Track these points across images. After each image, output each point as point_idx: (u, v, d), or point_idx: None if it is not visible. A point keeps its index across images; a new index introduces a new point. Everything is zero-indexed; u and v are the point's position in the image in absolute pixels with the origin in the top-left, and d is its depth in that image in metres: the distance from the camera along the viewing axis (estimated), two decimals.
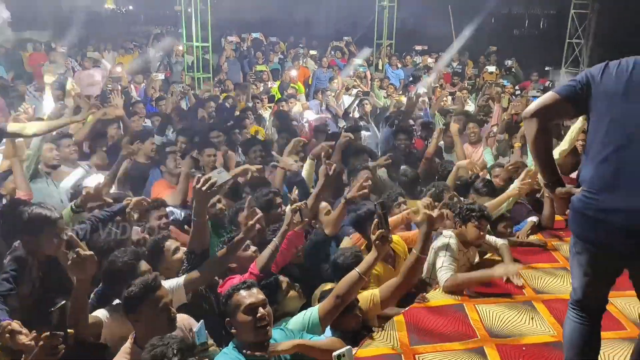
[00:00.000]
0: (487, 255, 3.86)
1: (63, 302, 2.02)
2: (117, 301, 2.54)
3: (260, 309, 2.28)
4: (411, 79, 9.90)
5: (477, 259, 3.78)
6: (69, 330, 2.01)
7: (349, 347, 2.19)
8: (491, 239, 3.72)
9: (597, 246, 1.98)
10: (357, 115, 7.32)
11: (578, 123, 4.41)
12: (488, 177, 4.69)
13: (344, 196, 3.55)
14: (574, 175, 4.49)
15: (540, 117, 2.05)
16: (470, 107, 8.25)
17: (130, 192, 4.01)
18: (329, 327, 2.73)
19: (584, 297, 2.17)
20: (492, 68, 9.85)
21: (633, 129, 1.85)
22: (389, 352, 2.74)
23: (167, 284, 2.54)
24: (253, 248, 2.98)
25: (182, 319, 2.51)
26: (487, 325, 3.00)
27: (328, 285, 3.08)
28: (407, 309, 3.13)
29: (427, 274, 3.43)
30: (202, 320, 2.44)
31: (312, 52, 11.41)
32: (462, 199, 4.03)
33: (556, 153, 4.18)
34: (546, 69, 11.94)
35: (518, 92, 9.93)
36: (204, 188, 2.69)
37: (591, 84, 1.97)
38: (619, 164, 1.88)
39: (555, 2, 14.05)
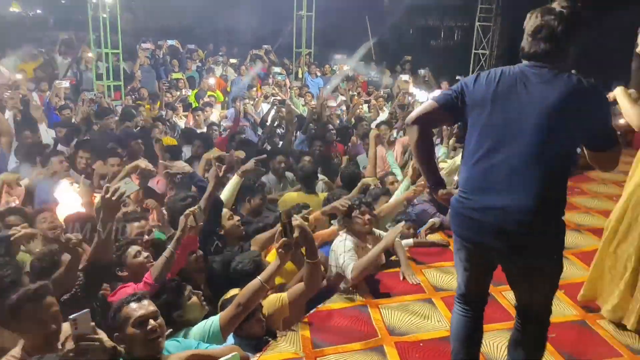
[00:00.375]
0: (393, 257, 3.98)
1: None
2: None
3: (151, 321, 2.21)
4: (328, 87, 10.05)
5: (383, 261, 3.89)
6: None
7: (235, 353, 2.17)
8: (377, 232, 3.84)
9: (472, 243, 2.10)
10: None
11: None
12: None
13: (281, 219, 3.53)
14: None
15: (420, 124, 2.15)
16: (386, 114, 8.51)
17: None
18: (232, 334, 2.71)
19: (467, 291, 2.29)
20: (405, 77, 10.23)
21: (499, 134, 1.98)
22: (292, 357, 2.75)
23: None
24: (145, 254, 2.89)
25: None
26: (388, 324, 3.10)
27: (232, 292, 3.05)
28: (312, 311, 3.17)
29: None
30: (87, 310, 2.18)
31: (233, 60, 11.34)
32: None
33: None
34: (457, 77, 12.53)
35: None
36: (113, 198, 2.66)
37: (465, 93, 2.08)
38: (489, 167, 1.99)
39: (466, 15, 14.80)
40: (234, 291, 3.02)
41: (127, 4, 12.22)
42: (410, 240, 4.17)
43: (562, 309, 3.28)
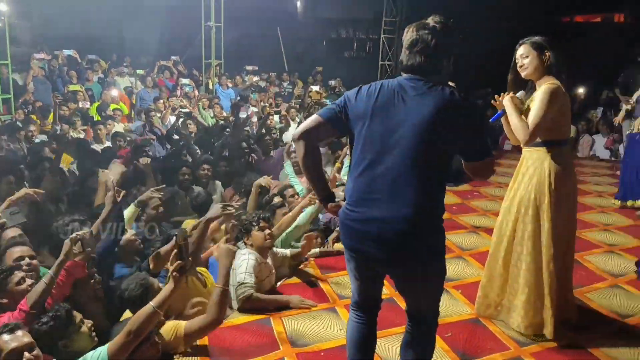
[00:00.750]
0: (301, 266, 3.99)
1: None
2: None
3: (26, 354, 2.06)
4: (239, 98, 9.97)
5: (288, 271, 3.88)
6: None
7: None
8: (281, 251, 3.84)
9: (357, 253, 2.13)
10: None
11: None
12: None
13: (176, 235, 3.37)
14: None
15: (306, 139, 2.16)
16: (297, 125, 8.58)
17: None
18: None
19: (359, 299, 2.33)
20: (316, 87, 10.38)
21: (380, 146, 2.02)
22: None
23: None
24: (29, 282, 2.67)
25: None
26: (291, 335, 3.07)
27: (125, 315, 2.89)
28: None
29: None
30: None
31: (139, 71, 10.93)
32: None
33: None
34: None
35: None
36: None
37: (348, 106, 2.11)
38: (371, 179, 2.03)
39: (377, 27, 15.31)
40: (128, 314, 2.87)
41: (25, 12, 11.47)
42: (317, 250, 4.19)
43: (459, 308, 3.42)
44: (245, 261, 3.30)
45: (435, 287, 2.19)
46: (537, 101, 2.81)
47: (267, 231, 3.49)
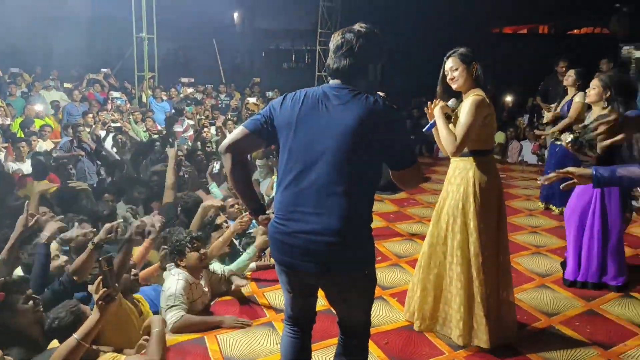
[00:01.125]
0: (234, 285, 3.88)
1: None
2: None
3: None
4: (173, 111, 9.73)
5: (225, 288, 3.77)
6: None
7: None
8: (218, 268, 3.74)
9: (288, 267, 2.09)
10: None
11: None
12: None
13: (92, 241, 3.17)
14: None
15: (232, 152, 2.11)
16: None
17: None
18: None
19: (293, 313, 2.29)
20: (253, 99, 10.29)
21: (305, 158, 1.99)
22: None
23: None
24: None
25: None
26: (226, 353, 2.99)
27: (52, 345, 2.69)
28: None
29: None
30: None
31: (67, 84, 10.45)
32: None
33: None
34: None
35: None
36: None
37: (273, 116, 2.07)
38: (298, 191, 2.00)
39: (314, 39, 15.45)
40: (54, 343, 2.68)
41: None
42: (253, 265, 4.11)
43: (395, 316, 3.44)
44: (175, 282, 3.18)
45: (365, 297, 2.17)
46: (463, 114, 2.86)
47: (202, 250, 3.38)
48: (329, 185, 1.95)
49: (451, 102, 3.00)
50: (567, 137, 3.35)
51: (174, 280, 3.20)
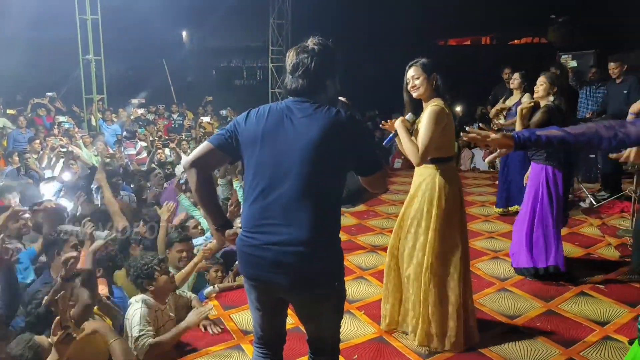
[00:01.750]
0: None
1: None
2: None
3: None
4: (125, 133, 9.51)
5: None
6: None
7: None
8: (185, 294, 3.68)
9: (257, 281, 2.08)
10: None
11: None
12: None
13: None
14: None
15: (197, 167, 2.11)
16: None
17: None
18: None
19: (263, 333, 2.26)
20: (206, 118, 10.20)
21: (271, 172, 2.00)
22: None
23: None
24: None
25: None
26: None
27: None
28: None
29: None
30: None
31: (10, 110, 10.04)
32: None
33: None
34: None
35: None
36: None
37: (238, 131, 2.08)
38: (265, 205, 2.00)
39: (265, 56, 15.48)
40: None
41: None
42: (216, 287, 4.03)
43: (363, 329, 3.45)
44: (137, 311, 3.06)
45: (335, 312, 2.17)
46: (423, 124, 2.95)
47: (171, 273, 3.30)
48: (297, 198, 1.96)
49: (409, 116, 3.08)
50: None
51: (137, 308, 3.09)
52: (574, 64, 8.19)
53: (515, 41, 19.63)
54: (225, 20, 15.54)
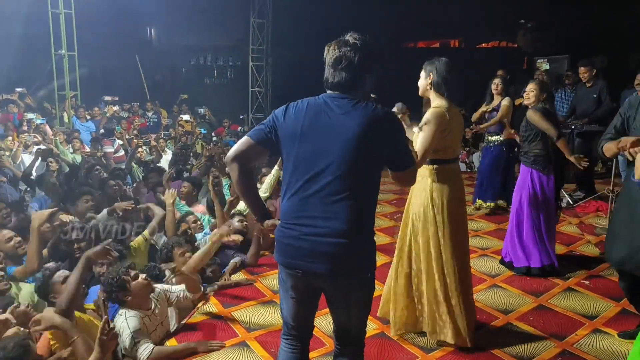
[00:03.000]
0: (200, 304, 3.80)
1: None
2: None
3: None
4: (102, 131, 9.31)
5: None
6: None
7: None
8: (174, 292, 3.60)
9: (294, 269, 2.13)
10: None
11: (274, 171, 5.00)
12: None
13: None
14: None
15: (238, 162, 2.17)
16: (169, 156, 8.23)
17: None
18: None
19: (294, 324, 2.30)
20: (186, 117, 10.08)
21: (311, 167, 2.06)
22: None
23: None
24: None
25: None
26: None
27: None
28: None
29: None
30: None
31: None
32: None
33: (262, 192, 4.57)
34: (240, 117, 12.94)
35: (215, 138, 10.47)
36: None
37: (277, 126, 2.14)
38: (304, 198, 2.07)
39: (238, 55, 15.37)
40: None
41: None
42: (215, 286, 4.04)
43: (368, 325, 3.50)
44: (124, 323, 2.97)
45: (364, 301, 2.24)
46: (423, 126, 3.00)
47: (143, 275, 3.16)
48: (335, 192, 2.02)
49: (396, 108, 3.12)
50: None
51: (122, 320, 3.00)
52: (547, 66, 8.49)
53: (484, 44, 20.07)
54: (195, 19, 15.33)
